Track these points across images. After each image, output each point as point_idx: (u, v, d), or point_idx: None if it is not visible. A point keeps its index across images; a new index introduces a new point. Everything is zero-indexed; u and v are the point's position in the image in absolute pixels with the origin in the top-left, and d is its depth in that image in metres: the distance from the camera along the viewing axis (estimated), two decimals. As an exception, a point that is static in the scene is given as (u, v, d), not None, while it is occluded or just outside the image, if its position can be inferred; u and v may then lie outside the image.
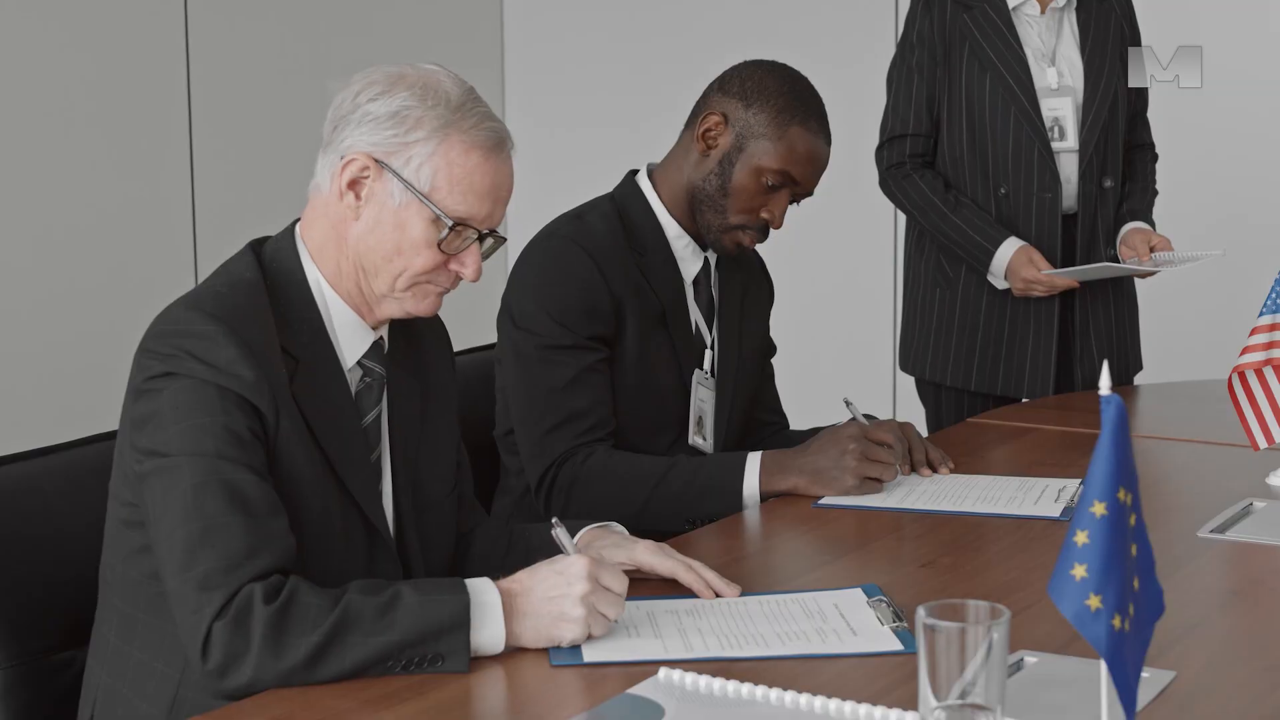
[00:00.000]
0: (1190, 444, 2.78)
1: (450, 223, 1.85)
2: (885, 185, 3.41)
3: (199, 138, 4.67)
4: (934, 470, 2.51)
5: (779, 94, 2.47)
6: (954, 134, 3.33)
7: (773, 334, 2.83)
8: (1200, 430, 2.84)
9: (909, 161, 3.36)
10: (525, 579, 1.75)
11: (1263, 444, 2.48)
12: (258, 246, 1.93)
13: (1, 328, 4.20)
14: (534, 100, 5.63)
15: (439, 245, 1.86)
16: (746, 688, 1.61)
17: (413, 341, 2.03)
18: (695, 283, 2.59)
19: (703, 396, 2.58)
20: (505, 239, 1.93)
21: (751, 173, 2.47)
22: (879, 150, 3.41)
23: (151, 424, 1.76)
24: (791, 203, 2.52)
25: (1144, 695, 1.57)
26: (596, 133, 5.40)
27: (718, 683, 1.62)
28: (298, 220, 1.94)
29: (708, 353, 2.60)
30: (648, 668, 1.68)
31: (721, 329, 2.63)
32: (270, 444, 1.78)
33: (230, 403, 1.75)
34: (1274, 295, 2.46)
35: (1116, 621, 1.29)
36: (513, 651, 1.72)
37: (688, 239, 2.57)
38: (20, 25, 4.25)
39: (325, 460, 1.83)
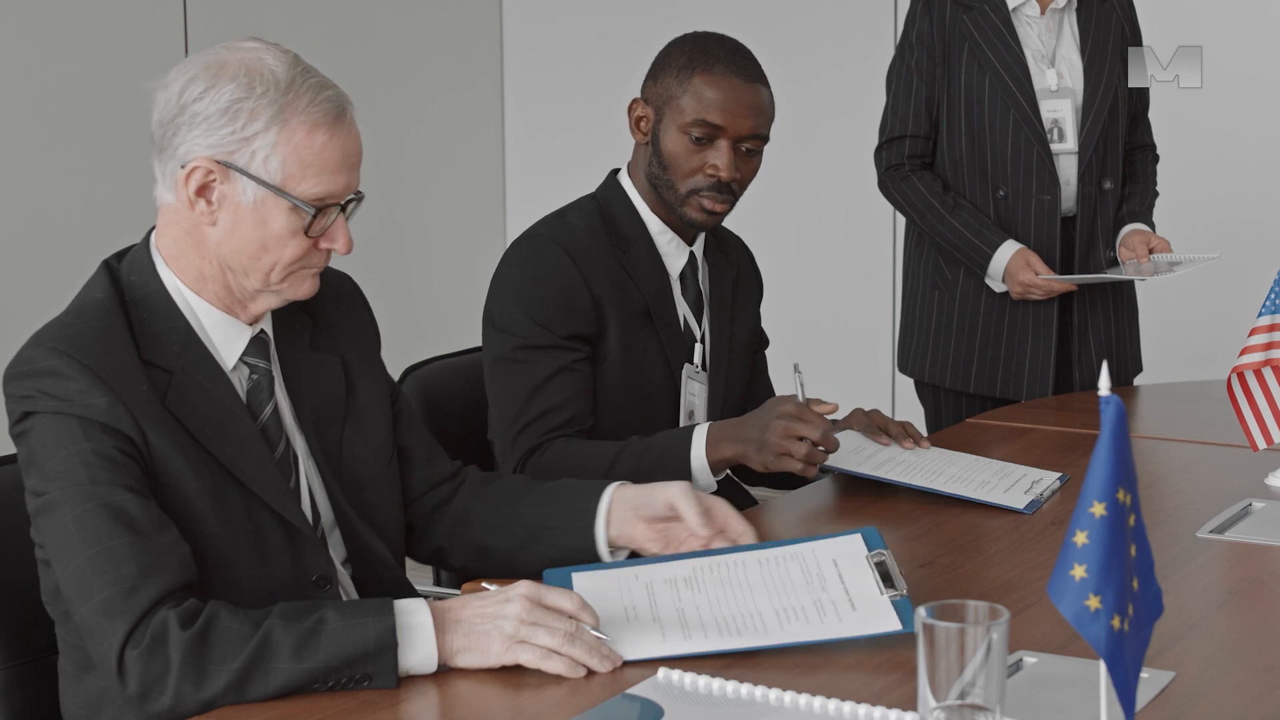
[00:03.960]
0: (1190, 444, 2.78)
1: (312, 210, 1.79)
2: (884, 186, 3.40)
3: (199, 138, 4.66)
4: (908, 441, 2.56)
5: (679, 55, 2.53)
6: (953, 135, 3.33)
7: (772, 334, 2.84)
8: (1200, 431, 2.84)
9: (908, 163, 3.35)
10: (463, 598, 1.74)
11: (1261, 444, 2.48)
12: (114, 262, 1.87)
13: (1, 328, 4.20)
14: (534, 102, 5.63)
15: (305, 232, 1.80)
16: (745, 688, 1.61)
17: (320, 317, 1.98)
18: (681, 277, 2.59)
19: (694, 390, 2.59)
20: (363, 195, 1.86)
21: (676, 135, 2.49)
22: (878, 151, 3.40)
23: (32, 466, 1.75)
24: (747, 153, 2.51)
25: (1143, 695, 1.58)
26: (596, 135, 5.40)
27: (716, 683, 1.62)
28: (153, 229, 1.88)
29: (698, 346, 2.60)
30: (647, 668, 1.68)
31: (713, 322, 2.63)
32: (145, 462, 1.74)
33: (93, 429, 1.71)
34: (1273, 295, 2.46)
35: (1116, 622, 1.29)
36: (512, 651, 1.72)
37: (671, 234, 2.58)
38: (20, 25, 4.25)
39: (219, 465, 1.79)
